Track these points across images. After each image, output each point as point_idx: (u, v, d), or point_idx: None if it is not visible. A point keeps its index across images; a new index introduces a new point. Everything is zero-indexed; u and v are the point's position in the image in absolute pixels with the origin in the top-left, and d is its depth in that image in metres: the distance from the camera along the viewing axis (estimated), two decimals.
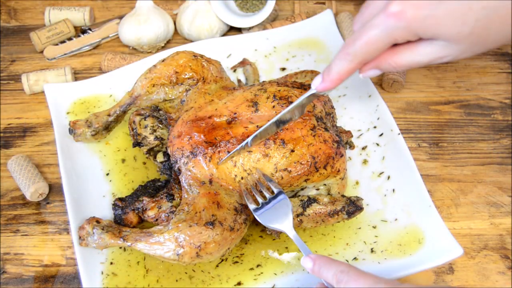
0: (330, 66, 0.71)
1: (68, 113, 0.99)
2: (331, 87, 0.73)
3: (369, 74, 0.73)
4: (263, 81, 0.94)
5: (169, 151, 0.84)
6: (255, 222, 0.81)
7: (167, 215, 0.81)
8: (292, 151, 0.80)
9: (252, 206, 0.78)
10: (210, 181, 0.80)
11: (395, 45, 0.69)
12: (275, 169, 0.80)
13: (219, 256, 0.77)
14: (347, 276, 0.64)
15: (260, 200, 0.78)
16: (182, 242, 0.74)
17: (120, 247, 0.83)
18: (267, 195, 0.78)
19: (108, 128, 0.93)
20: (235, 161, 0.80)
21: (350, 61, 0.69)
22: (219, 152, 0.80)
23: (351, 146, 0.94)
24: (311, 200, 0.82)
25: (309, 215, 0.81)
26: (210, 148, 0.80)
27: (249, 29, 1.15)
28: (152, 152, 0.90)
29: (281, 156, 0.80)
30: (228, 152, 0.80)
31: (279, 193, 0.78)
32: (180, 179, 0.81)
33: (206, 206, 0.76)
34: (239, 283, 0.81)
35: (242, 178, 0.81)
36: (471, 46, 0.66)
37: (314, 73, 0.98)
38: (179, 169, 0.82)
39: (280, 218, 0.77)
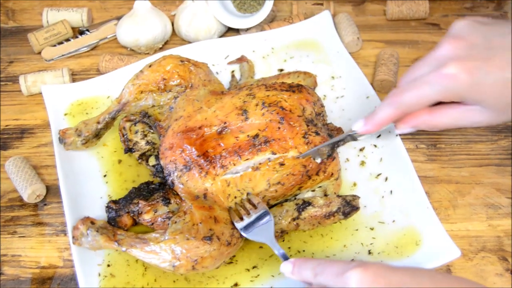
0: (375, 111, 0.76)
1: (65, 114, 0.99)
2: (372, 131, 0.78)
3: (404, 131, 0.78)
4: (251, 84, 0.94)
5: (161, 163, 0.83)
6: None
7: (163, 220, 0.81)
8: (282, 164, 0.80)
9: (238, 225, 0.79)
10: (205, 196, 0.80)
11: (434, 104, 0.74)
12: (268, 184, 0.80)
13: (214, 268, 0.77)
14: (322, 267, 0.65)
15: (244, 217, 0.79)
16: (178, 254, 0.74)
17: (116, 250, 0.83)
18: (252, 213, 0.79)
19: (98, 135, 0.92)
20: (228, 181, 0.80)
21: (395, 109, 0.74)
22: (214, 167, 0.80)
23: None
24: (306, 203, 0.82)
25: (305, 218, 0.81)
26: (204, 163, 0.80)
27: (247, 30, 1.15)
28: (144, 157, 0.89)
29: (272, 170, 0.80)
30: (223, 166, 0.79)
31: (264, 213, 0.79)
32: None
33: (203, 219, 0.76)
34: (235, 284, 0.81)
35: (235, 197, 0.81)
36: (504, 115, 0.71)
37: (307, 74, 0.98)
38: (172, 182, 0.81)
39: (263, 233, 0.78)
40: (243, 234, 0.78)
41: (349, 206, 0.82)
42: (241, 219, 0.79)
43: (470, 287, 0.62)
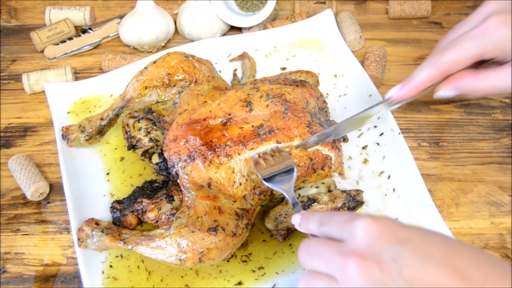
0: (412, 74, 0.73)
1: (68, 112, 1.00)
2: (409, 95, 0.73)
3: (446, 94, 0.74)
4: (255, 80, 0.94)
5: (165, 155, 0.84)
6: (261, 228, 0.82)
7: (167, 217, 0.81)
8: (289, 154, 0.80)
9: (260, 172, 0.77)
10: (209, 185, 0.80)
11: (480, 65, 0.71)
12: None
13: (221, 260, 0.77)
14: (329, 217, 0.62)
15: (268, 166, 0.78)
16: (184, 248, 0.74)
17: (117, 256, 0.83)
18: (275, 159, 0.78)
19: (101, 132, 0.93)
20: (233, 167, 0.80)
21: (435, 69, 0.71)
22: (218, 156, 0.80)
23: (345, 139, 0.94)
24: (311, 200, 0.82)
25: None
26: (209, 152, 0.80)
27: (249, 28, 1.15)
28: (147, 154, 0.89)
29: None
30: (227, 155, 0.79)
31: (288, 160, 0.78)
32: (179, 183, 0.81)
33: (207, 211, 0.76)
34: (239, 283, 0.81)
35: (240, 184, 0.81)
36: None
37: (309, 74, 0.98)
38: (176, 173, 0.81)
39: (283, 181, 0.76)
40: (264, 182, 0.77)
41: (354, 201, 0.82)
42: (264, 168, 0.78)
43: (483, 258, 0.57)
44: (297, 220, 0.68)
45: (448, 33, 0.74)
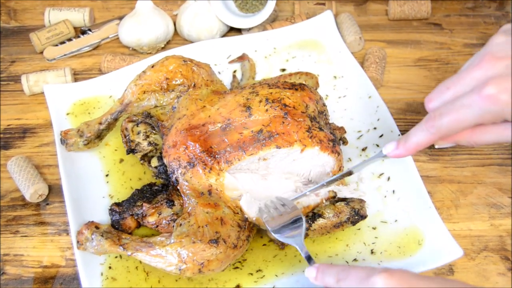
0: (408, 135, 0.71)
1: (68, 114, 0.99)
2: (404, 155, 0.72)
3: (443, 146, 0.75)
4: (254, 83, 0.94)
5: (165, 161, 0.83)
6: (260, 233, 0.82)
7: (168, 222, 0.81)
8: (296, 205, 0.80)
9: (268, 224, 0.77)
10: (209, 192, 0.80)
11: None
12: None
13: (220, 271, 0.77)
14: (346, 273, 0.64)
15: (276, 218, 0.78)
16: (185, 258, 0.73)
17: (116, 257, 0.83)
18: (283, 213, 0.78)
19: (100, 136, 0.92)
20: (236, 177, 0.80)
21: (432, 134, 0.69)
22: (218, 162, 0.80)
23: (345, 142, 0.94)
24: (316, 215, 0.81)
25: (315, 229, 0.81)
26: (208, 158, 0.80)
27: (249, 30, 1.15)
28: (146, 158, 0.89)
29: None
30: (227, 161, 0.79)
31: (295, 209, 0.78)
32: (179, 189, 0.81)
33: (209, 221, 0.76)
34: (237, 286, 0.80)
35: (239, 196, 0.80)
36: None
37: (308, 75, 0.98)
38: (176, 180, 0.81)
39: (292, 233, 0.76)
40: (274, 235, 0.76)
41: (358, 216, 0.82)
42: (272, 219, 0.78)
43: None
44: (312, 274, 0.68)
45: (440, 90, 0.70)
